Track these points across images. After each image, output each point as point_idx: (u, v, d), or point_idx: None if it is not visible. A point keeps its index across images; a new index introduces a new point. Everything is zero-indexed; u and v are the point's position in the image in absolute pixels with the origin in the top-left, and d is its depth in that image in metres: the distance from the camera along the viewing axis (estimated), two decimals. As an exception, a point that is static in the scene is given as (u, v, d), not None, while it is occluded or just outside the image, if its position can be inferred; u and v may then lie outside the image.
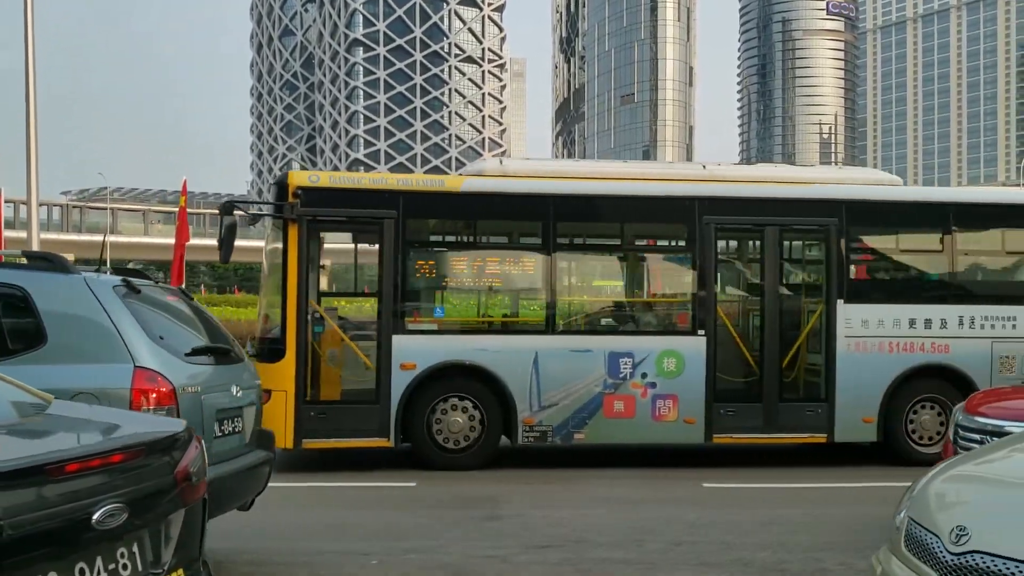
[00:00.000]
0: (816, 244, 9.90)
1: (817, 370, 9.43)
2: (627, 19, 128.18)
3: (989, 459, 3.92)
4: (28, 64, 14.92)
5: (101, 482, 2.94)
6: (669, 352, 9.00)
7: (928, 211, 9.82)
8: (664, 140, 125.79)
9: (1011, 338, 9.36)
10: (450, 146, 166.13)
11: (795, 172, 11.03)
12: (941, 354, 9.29)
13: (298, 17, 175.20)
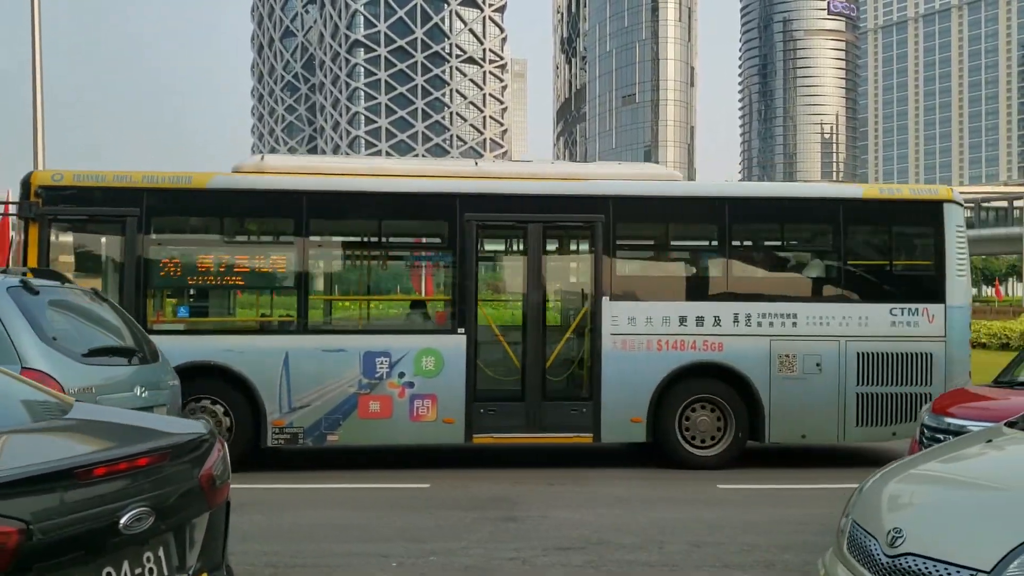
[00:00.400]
0: (582, 240, 9.66)
1: (582, 369, 9.22)
2: (628, 19, 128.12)
3: (935, 459, 3.84)
4: (35, 66, 14.89)
5: (128, 486, 2.92)
6: (428, 351, 8.84)
7: (702, 206, 9.54)
8: (665, 140, 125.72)
9: (791, 336, 9.05)
10: (451, 147, 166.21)
11: (571, 168, 10.68)
12: (714, 352, 9.00)
13: (299, 18, 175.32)
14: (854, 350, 9.06)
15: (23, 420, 3.52)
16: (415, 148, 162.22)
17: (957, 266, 9.27)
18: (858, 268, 9.53)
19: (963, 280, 9.33)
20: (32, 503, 2.51)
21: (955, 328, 9.19)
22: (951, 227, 9.30)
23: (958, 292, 9.26)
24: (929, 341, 9.14)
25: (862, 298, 9.27)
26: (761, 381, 9.01)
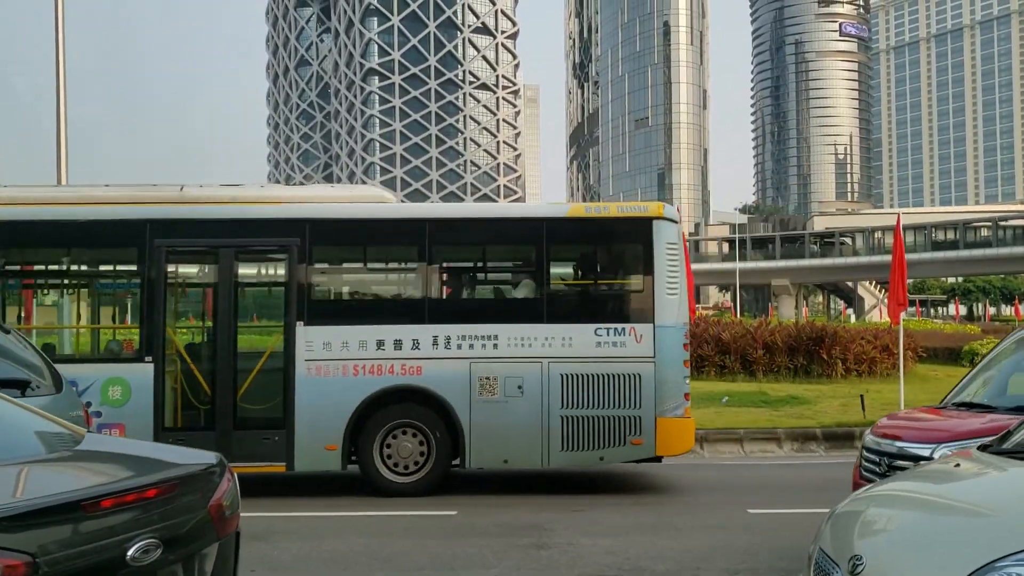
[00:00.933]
0: (278, 265, 9.47)
1: (275, 396, 8.95)
2: (640, 44, 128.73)
3: (902, 483, 3.76)
4: (59, 89, 15.08)
5: (136, 517, 2.94)
6: (114, 380, 8.67)
7: (401, 228, 9.40)
8: (679, 163, 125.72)
9: (491, 358, 8.80)
10: (465, 172, 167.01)
11: (276, 192, 10.45)
12: (413, 376, 8.80)
13: (314, 47, 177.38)
14: (558, 372, 8.77)
15: (37, 451, 3.53)
16: (429, 174, 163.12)
17: (668, 285, 8.93)
18: (563, 288, 9.42)
19: (674, 299, 8.96)
20: (39, 536, 2.52)
21: (665, 348, 8.83)
22: (661, 244, 8.98)
23: (669, 311, 8.91)
24: (637, 362, 8.80)
25: (566, 318, 9.00)
26: (461, 405, 8.76)
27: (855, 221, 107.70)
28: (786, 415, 13.64)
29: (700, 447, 11.92)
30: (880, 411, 12.82)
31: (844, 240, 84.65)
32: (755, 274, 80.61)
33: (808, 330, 18.80)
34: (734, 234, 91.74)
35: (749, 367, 18.46)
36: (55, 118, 15.12)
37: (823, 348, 18.24)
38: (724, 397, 15.11)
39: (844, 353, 18.29)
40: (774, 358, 18.41)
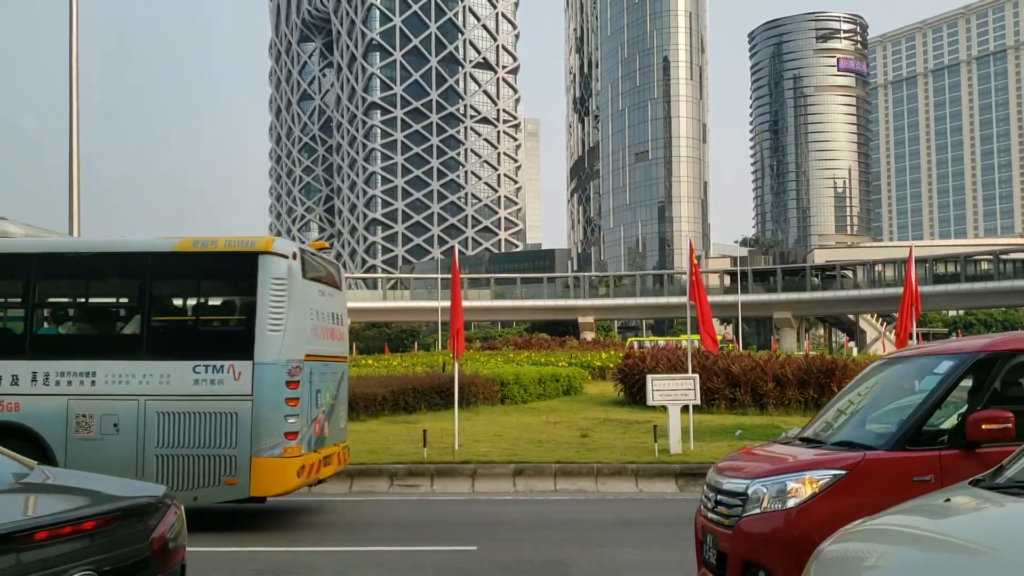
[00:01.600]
0: None
1: None
2: (640, 79, 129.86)
3: (892, 519, 3.60)
4: (72, 130, 15.15)
5: (73, 549, 2.98)
6: None
7: (3, 262, 9.20)
8: (679, 196, 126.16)
9: (89, 395, 8.57)
10: (466, 204, 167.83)
11: None
12: (11, 413, 8.58)
13: (316, 82, 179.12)
14: (154, 409, 8.57)
15: None
16: (430, 207, 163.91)
17: (270, 321, 8.68)
18: (163, 324, 9.23)
19: (276, 336, 8.67)
20: None
21: (264, 386, 8.58)
22: (266, 280, 8.74)
23: (270, 348, 8.65)
24: (234, 400, 8.56)
25: (166, 355, 8.80)
26: (58, 442, 8.53)
27: (855, 254, 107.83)
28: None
29: (716, 481, 11.80)
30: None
31: (845, 273, 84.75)
32: (757, 307, 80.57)
33: (818, 363, 18.72)
34: (735, 267, 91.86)
35: (759, 400, 18.35)
36: (68, 160, 15.18)
37: (834, 381, 18.13)
38: (737, 431, 15.00)
39: (855, 386, 18.15)
40: (784, 391, 18.31)
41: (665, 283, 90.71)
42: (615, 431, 15.64)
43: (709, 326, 13.74)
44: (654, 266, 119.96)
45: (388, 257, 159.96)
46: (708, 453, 12.77)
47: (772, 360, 19.26)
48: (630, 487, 11.68)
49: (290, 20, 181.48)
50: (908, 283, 13.00)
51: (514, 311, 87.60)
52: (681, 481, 11.79)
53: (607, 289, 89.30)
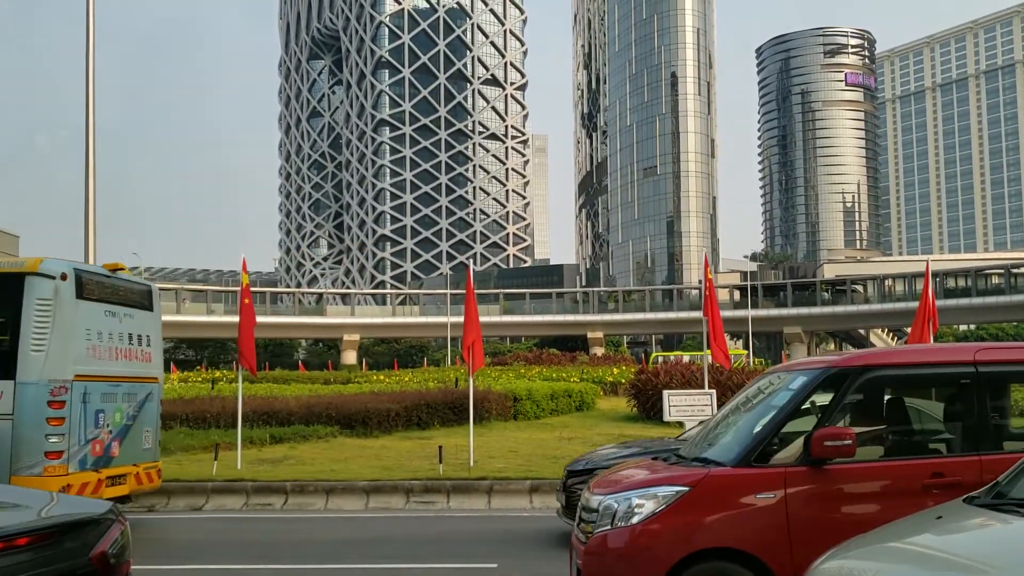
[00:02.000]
0: None
1: None
2: (648, 95, 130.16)
3: (883, 536, 3.56)
4: (88, 146, 15.24)
5: (7, 565, 2.96)
6: None
7: None
8: (688, 211, 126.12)
9: None
10: (475, 220, 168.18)
11: None
12: None
13: (326, 99, 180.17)
14: None
15: None
16: (439, 223, 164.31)
17: (34, 341, 8.75)
18: None
19: (39, 355, 8.76)
20: None
21: (24, 405, 8.62)
22: (31, 300, 8.83)
23: (32, 368, 8.71)
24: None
25: None
26: None
27: (865, 269, 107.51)
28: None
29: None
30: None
31: (856, 288, 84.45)
32: (767, 322, 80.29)
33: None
34: (744, 281, 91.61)
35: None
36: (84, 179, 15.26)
37: (849, 396, 17.99)
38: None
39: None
40: (799, 406, 18.17)
41: (675, 298, 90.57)
42: (630, 447, 15.55)
43: (721, 341, 13.72)
44: (663, 281, 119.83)
45: (397, 273, 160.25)
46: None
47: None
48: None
49: (300, 38, 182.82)
50: (925, 297, 12.93)
51: (524, 327, 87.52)
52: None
53: (616, 304, 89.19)
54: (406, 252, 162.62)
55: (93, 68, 15.22)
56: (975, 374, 5.38)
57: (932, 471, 5.17)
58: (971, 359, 5.46)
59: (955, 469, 5.16)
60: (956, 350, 5.83)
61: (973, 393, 5.38)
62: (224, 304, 79.15)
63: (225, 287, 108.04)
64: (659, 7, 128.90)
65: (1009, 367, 5.66)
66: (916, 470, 5.22)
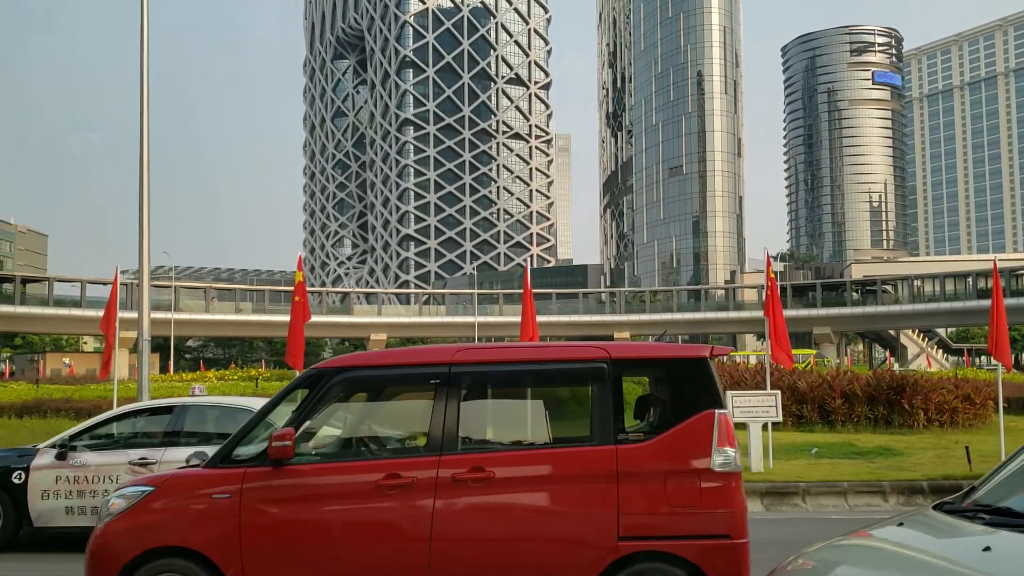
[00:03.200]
0: None
1: None
2: (674, 94, 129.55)
3: (846, 542, 3.45)
4: (143, 150, 15.24)
5: None
6: None
7: None
8: (714, 211, 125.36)
9: None
10: (498, 220, 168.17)
11: None
12: None
13: (350, 99, 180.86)
14: None
15: None
16: (463, 222, 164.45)
17: None
18: None
19: None
20: None
21: None
22: None
23: None
24: None
25: None
26: None
27: (893, 269, 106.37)
28: (883, 467, 13.16)
29: (802, 500, 11.53)
30: (981, 463, 12.36)
31: (886, 288, 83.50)
32: (797, 322, 79.47)
33: (888, 379, 18.31)
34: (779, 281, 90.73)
35: (827, 417, 17.97)
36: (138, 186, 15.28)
37: (904, 397, 17.72)
38: (813, 448, 14.67)
39: (925, 403, 17.76)
40: (853, 408, 17.92)
41: (702, 298, 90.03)
42: (686, 448, 15.32)
43: (784, 341, 13.46)
44: (688, 281, 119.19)
45: (421, 272, 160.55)
46: (789, 471, 12.47)
47: (840, 377, 18.88)
48: (714, 506, 11.40)
49: (324, 38, 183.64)
50: (997, 299, 12.60)
51: (549, 327, 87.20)
52: (767, 500, 11.51)
53: (643, 304, 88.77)
54: (430, 252, 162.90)
55: (148, 80, 15.22)
56: (447, 375, 5.38)
57: (389, 471, 5.21)
58: (448, 359, 5.48)
59: (411, 469, 5.21)
60: (437, 351, 5.77)
61: (443, 393, 5.36)
62: (252, 303, 79.57)
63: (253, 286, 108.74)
64: (685, 6, 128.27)
65: (483, 367, 5.64)
66: (371, 470, 5.26)
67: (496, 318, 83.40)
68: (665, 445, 5.23)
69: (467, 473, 5.15)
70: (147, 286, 14.77)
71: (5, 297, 64.96)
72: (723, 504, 5.16)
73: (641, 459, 5.21)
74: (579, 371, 5.57)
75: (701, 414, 5.27)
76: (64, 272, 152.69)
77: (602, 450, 5.22)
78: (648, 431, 5.52)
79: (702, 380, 5.35)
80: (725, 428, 5.22)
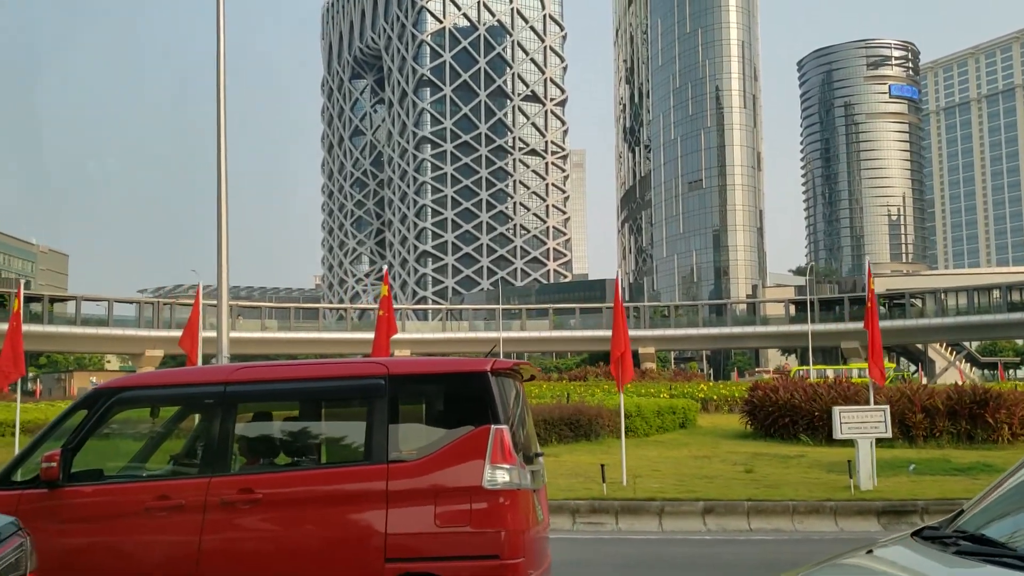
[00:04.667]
0: None
1: None
2: (693, 108, 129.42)
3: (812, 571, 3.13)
4: (220, 170, 15.08)
5: None
6: None
7: None
8: (735, 224, 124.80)
9: None
10: (515, 235, 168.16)
11: None
12: None
13: (368, 118, 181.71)
14: None
15: None
16: (480, 238, 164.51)
17: None
18: None
19: None
20: None
21: None
22: None
23: None
24: None
25: None
26: None
27: (915, 282, 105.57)
28: (988, 484, 12.74)
29: (920, 519, 11.10)
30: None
31: (914, 302, 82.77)
32: (825, 336, 78.93)
33: (971, 393, 17.86)
34: (800, 295, 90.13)
35: (907, 432, 17.53)
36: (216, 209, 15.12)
37: (987, 411, 17.27)
38: (911, 464, 14.24)
39: (1009, 417, 17.31)
40: (934, 422, 17.48)
41: (727, 313, 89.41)
42: (775, 466, 14.95)
43: (879, 357, 13.06)
44: (709, 296, 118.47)
45: (438, 288, 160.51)
46: (898, 489, 12.05)
47: (921, 391, 18.43)
48: (829, 526, 11.02)
49: (342, 58, 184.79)
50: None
51: (573, 341, 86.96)
52: (884, 519, 11.09)
53: (666, 319, 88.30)
54: (447, 268, 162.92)
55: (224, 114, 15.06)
56: (222, 394, 5.31)
57: (159, 493, 5.18)
58: (224, 379, 5.38)
59: (181, 491, 5.16)
60: (215, 371, 5.77)
61: (218, 414, 5.30)
62: (277, 320, 79.58)
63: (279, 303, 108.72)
64: (703, 21, 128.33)
65: (259, 386, 5.52)
66: (142, 492, 5.24)
67: (520, 333, 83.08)
68: (437, 462, 5.10)
69: (236, 495, 5.09)
70: (226, 305, 14.59)
71: (33, 316, 65.11)
72: (495, 523, 5.00)
73: (411, 477, 5.08)
74: (357, 388, 5.50)
75: (477, 429, 5.13)
76: (84, 290, 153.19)
77: (372, 469, 5.12)
78: (423, 449, 5.34)
79: (480, 395, 5.19)
80: (501, 444, 5.06)
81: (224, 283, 14.51)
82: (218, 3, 14.98)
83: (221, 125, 14.92)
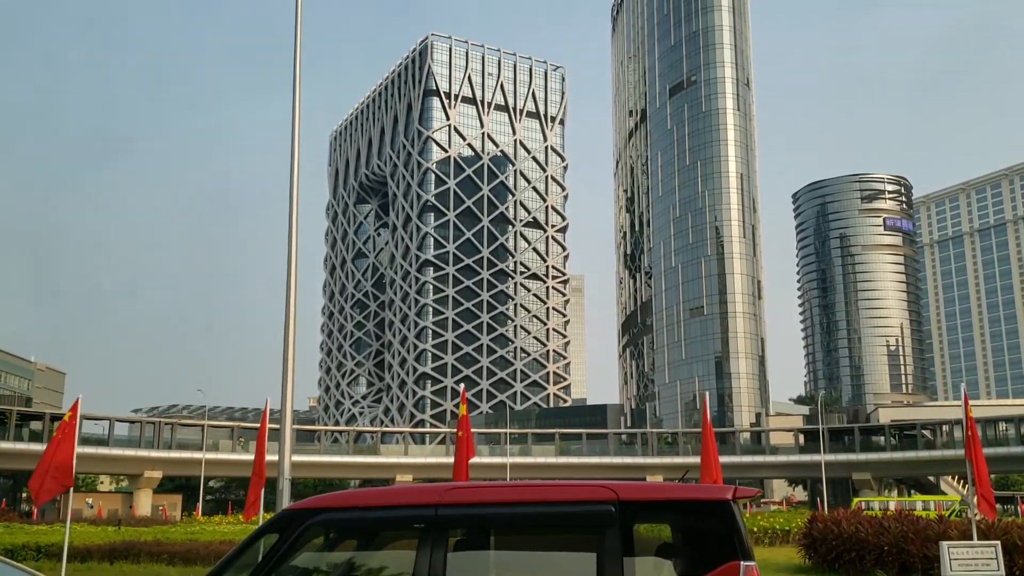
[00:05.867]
0: None
1: None
2: (693, 236, 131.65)
3: None
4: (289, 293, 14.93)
5: None
6: None
7: None
8: (736, 352, 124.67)
9: None
10: (515, 358, 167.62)
11: None
12: None
13: (371, 241, 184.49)
14: None
15: None
16: (480, 360, 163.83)
17: None
18: None
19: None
20: None
21: None
22: None
23: None
24: None
25: None
26: None
27: (918, 413, 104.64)
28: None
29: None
30: None
31: (924, 433, 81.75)
32: (836, 467, 77.44)
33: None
34: (808, 425, 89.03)
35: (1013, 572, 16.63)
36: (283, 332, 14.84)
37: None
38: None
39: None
40: (1013, 560, 16.62)
41: (734, 441, 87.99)
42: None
43: (987, 487, 12.52)
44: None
45: (436, 412, 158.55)
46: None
47: (997, 527, 17.61)
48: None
49: (348, 183, 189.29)
50: None
51: (580, 468, 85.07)
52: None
53: (671, 446, 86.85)
54: (446, 391, 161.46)
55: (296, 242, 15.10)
56: (434, 518, 4.84)
57: None
58: (436, 500, 4.92)
59: None
60: (422, 491, 5.22)
61: (430, 540, 4.78)
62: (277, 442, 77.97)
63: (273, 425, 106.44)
64: (702, 155, 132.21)
65: (473, 509, 5.00)
66: None
67: (526, 459, 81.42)
68: None
69: None
70: (289, 427, 14.11)
71: (33, 435, 63.68)
72: None
73: None
74: (582, 515, 4.88)
75: (725, 567, 4.63)
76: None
77: None
78: None
79: (726, 527, 4.72)
80: None
81: (288, 407, 14.08)
82: (293, 163, 15.16)
83: (292, 273, 14.87)
